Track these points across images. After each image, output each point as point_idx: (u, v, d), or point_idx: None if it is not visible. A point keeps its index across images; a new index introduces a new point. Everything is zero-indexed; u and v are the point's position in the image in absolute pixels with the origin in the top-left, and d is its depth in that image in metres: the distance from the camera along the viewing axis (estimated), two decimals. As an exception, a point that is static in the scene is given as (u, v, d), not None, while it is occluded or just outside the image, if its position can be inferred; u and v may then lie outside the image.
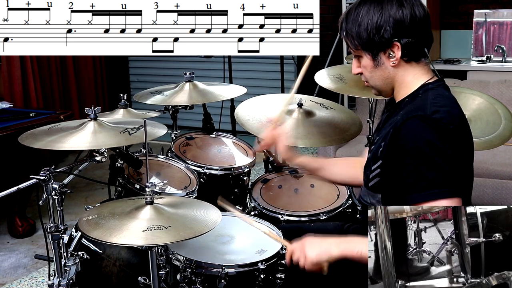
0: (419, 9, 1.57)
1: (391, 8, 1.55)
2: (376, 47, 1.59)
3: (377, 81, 1.67)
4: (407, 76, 1.64)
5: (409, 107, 1.58)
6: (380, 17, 1.55)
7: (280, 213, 2.30)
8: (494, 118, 2.47)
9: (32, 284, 3.06)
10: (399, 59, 1.59)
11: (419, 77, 1.64)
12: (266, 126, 1.99)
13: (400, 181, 1.51)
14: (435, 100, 1.56)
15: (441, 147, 1.46)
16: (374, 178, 1.63)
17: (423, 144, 1.47)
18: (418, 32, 1.58)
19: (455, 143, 1.49)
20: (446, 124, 1.49)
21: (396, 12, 1.55)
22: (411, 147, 1.48)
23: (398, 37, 1.56)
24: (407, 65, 1.62)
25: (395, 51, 1.58)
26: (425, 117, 1.49)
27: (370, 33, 1.57)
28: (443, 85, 1.65)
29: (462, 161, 1.53)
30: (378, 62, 1.62)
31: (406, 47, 1.57)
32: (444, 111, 1.52)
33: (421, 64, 1.64)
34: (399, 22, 1.55)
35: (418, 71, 1.64)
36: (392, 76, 1.64)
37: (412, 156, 1.47)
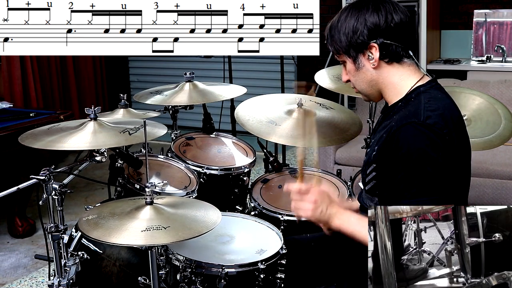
0: (397, 14, 1.62)
1: (367, 12, 1.62)
2: (355, 50, 1.65)
3: (362, 85, 1.71)
4: (392, 77, 1.66)
5: (403, 112, 1.60)
6: (356, 21, 1.63)
7: (280, 213, 2.30)
8: (494, 118, 2.47)
9: (32, 284, 3.06)
10: (378, 60, 1.64)
11: (407, 78, 1.65)
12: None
13: (393, 186, 1.55)
14: (428, 104, 1.57)
15: (433, 156, 1.49)
16: (370, 181, 1.65)
17: (416, 152, 1.50)
18: (395, 34, 1.62)
19: (448, 148, 1.52)
20: (440, 129, 1.51)
21: (371, 16, 1.62)
22: (404, 154, 1.51)
23: (374, 39, 1.62)
24: (389, 66, 1.65)
25: (373, 52, 1.63)
26: (418, 124, 1.52)
27: (347, 36, 1.65)
28: (435, 86, 1.66)
29: (456, 164, 1.55)
30: (359, 65, 1.67)
31: (384, 48, 1.62)
32: (436, 115, 1.53)
33: (405, 65, 1.65)
34: (374, 25, 1.61)
35: (403, 72, 1.66)
36: (375, 79, 1.68)
37: (405, 163, 1.51)
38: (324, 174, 2.61)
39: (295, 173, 2.60)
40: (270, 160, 2.63)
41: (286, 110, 2.50)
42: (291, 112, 2.47)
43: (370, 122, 2.87)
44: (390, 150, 1.55)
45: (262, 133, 2.38)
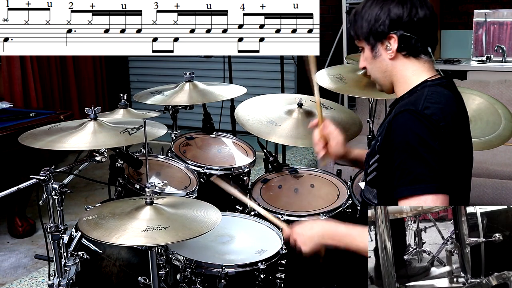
0: (422, 9, 1.62)
1: (392, 3, 1.63)
2: (374, 38, 1.66)
3: (377, 74, 1.73)
4: (406, 71, 1.66)
5: (404, 101, 1.61)
6: (380, 10, 1.64)
7: (280, 213, 2.30)
8: (494, 118, 2.47)
9: (32, 284, 3.06)
10: (396, 52, 1.64)
11: (419, 74, 1.65)
12: (312, 132, 1.99)
13: (391, 174, 1.53)
14: (430, 96, 1.57)
15: (430, 143, 1.48)
16: (371, 172, 1.65)
17: (412, 138, 1.49)
18: (417, 29, 1.62)
19: (445, 140, 1.50)
20: (437, 121, 1.50)
21: (395, 7, 1.62)
22: (400, 141, 1.50)
23: (394, 30, 1.62)
24: (405, 59, 1.66)
25: (392, 43, 1.64)
26: (415, 111, 1.51)
27: (369, 23, 1.65)
28: (445, 83, 1.65)
29: (453, 159, 1.54)
30: (376, 53, 1.68)
31: (403, 40, 1.62)
32: (436, 108, 1.53)
33: (421, 61, 1.66)
34: (397, 16, 1.62)
35: (417, 67, 1.66)
36: (390, 69, 1.68)
37: (401, 150, 1.50)
38: (324, 174, 2.61)
39: (295, 173, 2.60)
40: (270, 160, 2.62)
41: (286, 110, 2.50)
42: (291, 112, 2.48)
43: (370, 122, 2.87)
44: (387, 138, 1.55)
45: (262, 133, 2.38)
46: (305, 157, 4.82)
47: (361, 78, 2.60)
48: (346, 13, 4.61)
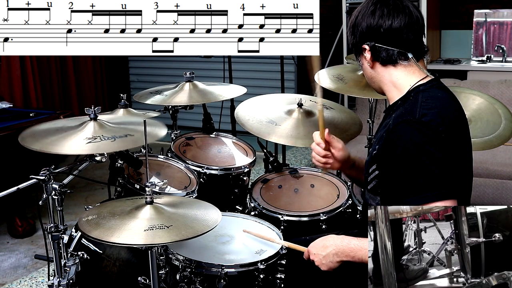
0: (396, 18, 1.61)
1: (366, 15, 1.65)
2: (354, 49, 1.73)
3: (367, 80, 1.78)
4: (389, 77, 1.68)
5: (400, 110, 1.61)
6: (355, 21, 1.69)
7: (280, 213, 2.30)
8: (494, 118, 2.47)
9: (32, 284, 3.06)
10: (373, 62, 1.68)
11: (405, 79, 1.66)
12: (314, 133, 2.00)
13: (395, 185, 1.54)
14: (425, 102, 1.57)
15: (431, 150, 1.48)
16: (372, 180, 1.65)
17: (413, 149, 1.49)
18: (388, 38, 1.62)
19: (445, 145, 1.51)
20: (435, 127, 1.50)
21: (368, 18, 1.64)
22: (401, 152, 1.51)
23: (367, 41, 1.65)
24: (383, 67, 1.67)
25: (366, 54, 1.67)
26: (413, 121, 1.52)
27: (351, 35, 1.72)
28: (436, 85, 1.65)
29: (456, 162, 1.54)
30: (359, 62, 1.74)
31: (375, 50, 1.65)
32: (433, 113, 1.53)
33: (400, 67, 1.66)
34: (367, 28, 1.64)
35: (400, 73, 1.66)
36: (374, 76, 1.72)
37: (403, 161, 1.50)
38: (324, 174, 2.61)
39: (295, 173, 2.60)
40: (270, 160, 2.62)
41: (286, 110, 2.50)
42: (291, 112, 2.48)
43: (370, 122, 2.87)
44: (388, 149, 1.55)
45: (262, 133, 2.38)
46: (305, 157, 4.82)
47: (361, 78, 2.60)
48: (346, 13, 4.61)
